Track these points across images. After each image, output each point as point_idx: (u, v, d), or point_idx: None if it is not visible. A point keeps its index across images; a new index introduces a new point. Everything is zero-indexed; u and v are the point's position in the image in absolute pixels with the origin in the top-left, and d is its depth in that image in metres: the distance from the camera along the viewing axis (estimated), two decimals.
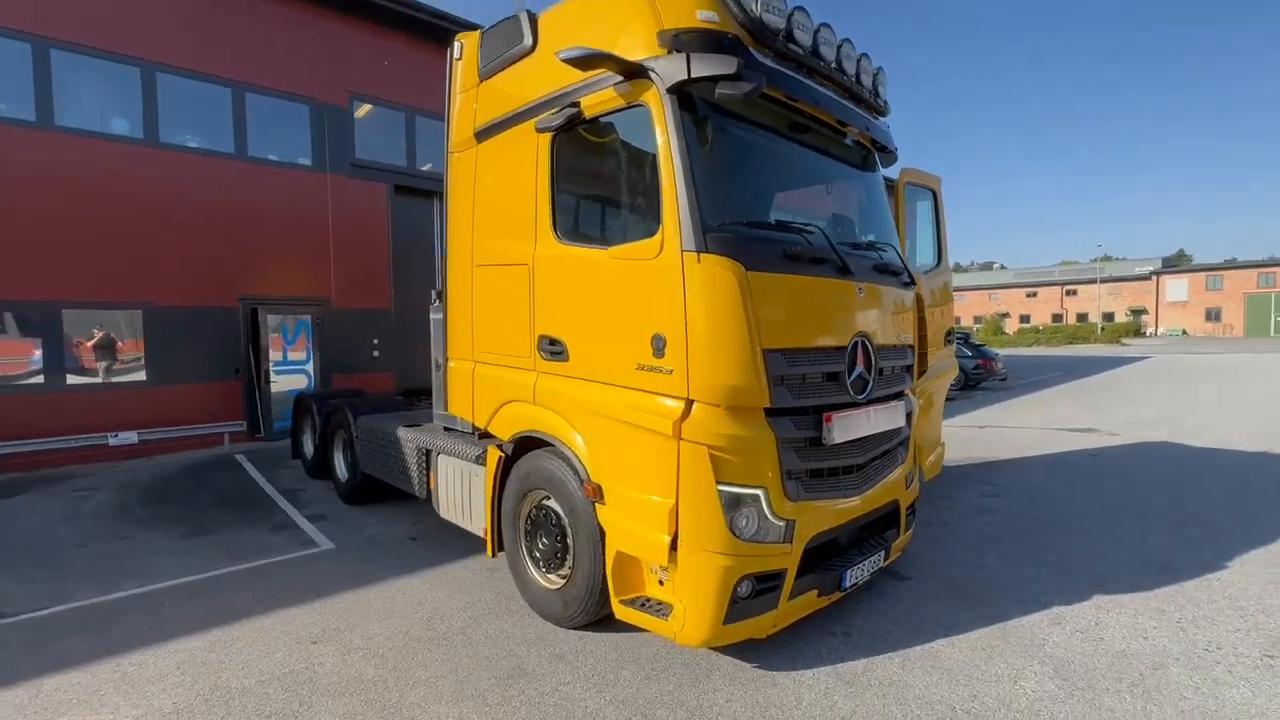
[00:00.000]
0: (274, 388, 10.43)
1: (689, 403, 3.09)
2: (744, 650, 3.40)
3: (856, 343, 3.62)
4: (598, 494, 3.44)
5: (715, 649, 3.43)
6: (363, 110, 11.63)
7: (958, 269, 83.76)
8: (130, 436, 8.76)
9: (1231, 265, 56.22)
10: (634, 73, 3.21)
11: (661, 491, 3.15)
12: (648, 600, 3.36)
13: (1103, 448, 9.04)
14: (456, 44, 4.60)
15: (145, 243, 9.38)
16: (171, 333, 9.62)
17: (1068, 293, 65.13)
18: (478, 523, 4.62)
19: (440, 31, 12.16)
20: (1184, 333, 55.00)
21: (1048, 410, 13.26)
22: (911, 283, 4.35)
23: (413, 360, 12.64)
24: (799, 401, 3.26)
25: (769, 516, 3.12)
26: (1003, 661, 3.30)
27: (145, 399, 9.38)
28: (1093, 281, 61.42)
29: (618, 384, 3.37)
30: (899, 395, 4.13)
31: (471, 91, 4.48)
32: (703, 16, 3.19)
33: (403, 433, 5.60)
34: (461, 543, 5.42)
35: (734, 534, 3.05)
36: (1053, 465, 7.97)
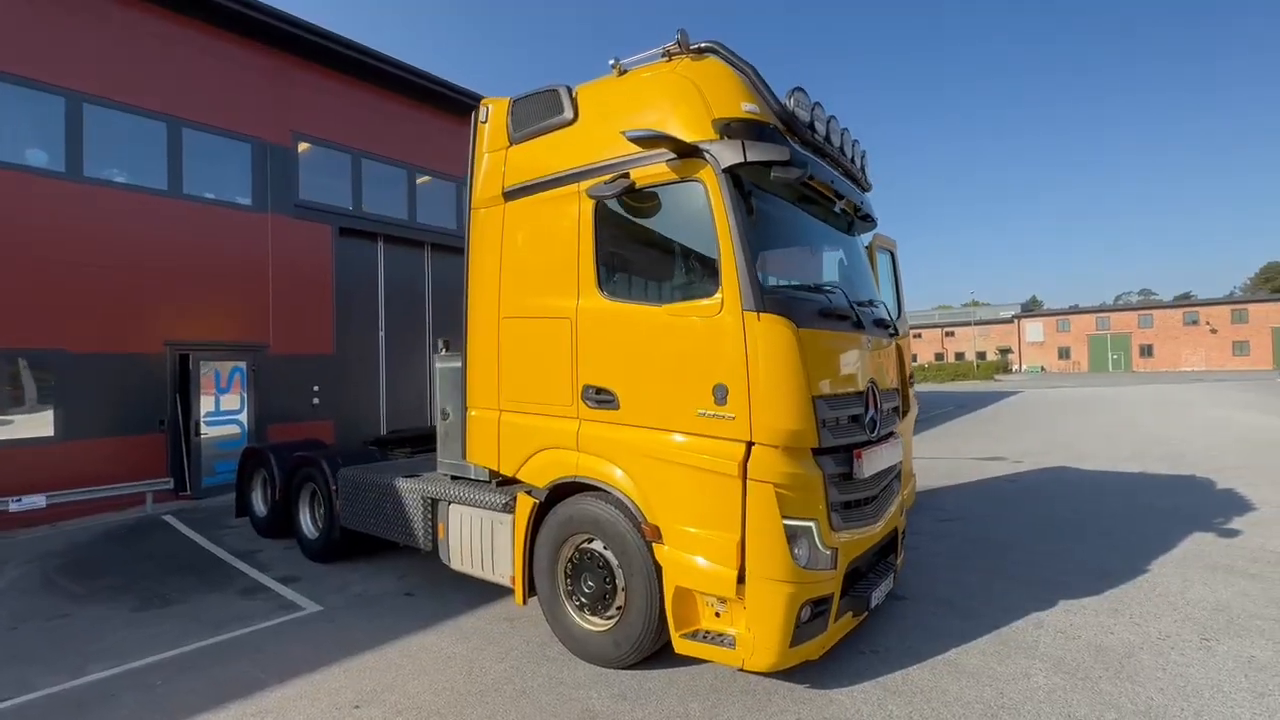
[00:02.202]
0: (204, 439, 9.64)
1: (749, 445, 3.43)
2: (792, 675, 3.68)
3: (870, 388, 4.14)
4: (656, 534, 3.66)
5: (764, 675, 3.68)
6: (302, 147, 11.31)
7: None
8: (37, 500, 7.75)
9: (1075, 310, 65.03)
10: (689, 153, 3.63)
11: (726, 528, 3.43)
12: (707, 633, 3.58)
13: (1016, 474, 10.26)
14: (483, 108, 4.83)
15: (62, 283, 8.53)
16: (88, 382, 8.71)
17: (946, 334, 72.39)
18: (501, 571, 4.63)
19: (386, 76, 12.21)
20: (1042, 369, 62.53)
21: (956, 441, 14.74)
22: (896, 333, 5.00)
23: (356, 408, 12.15)
24: (836, 441, 3.69)
25: (819, 546, 3.48)
26: (1011, 663, 3.81)
27: (54, 456, 8.36)
28: (967, 324, 68.74)
29: (676, 430, 3.65)
30: (893, 433, 4.69)
31: (500, 153, 4.71)
32: (747, 108, 3.68)
33: (402, 483, 5.48)
34: (461, 594, 5.35)
35: (795, 563, 3.38)
36: (983, 491, 8.98)
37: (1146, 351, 58.35)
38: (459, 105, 13.51)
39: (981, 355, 66.67)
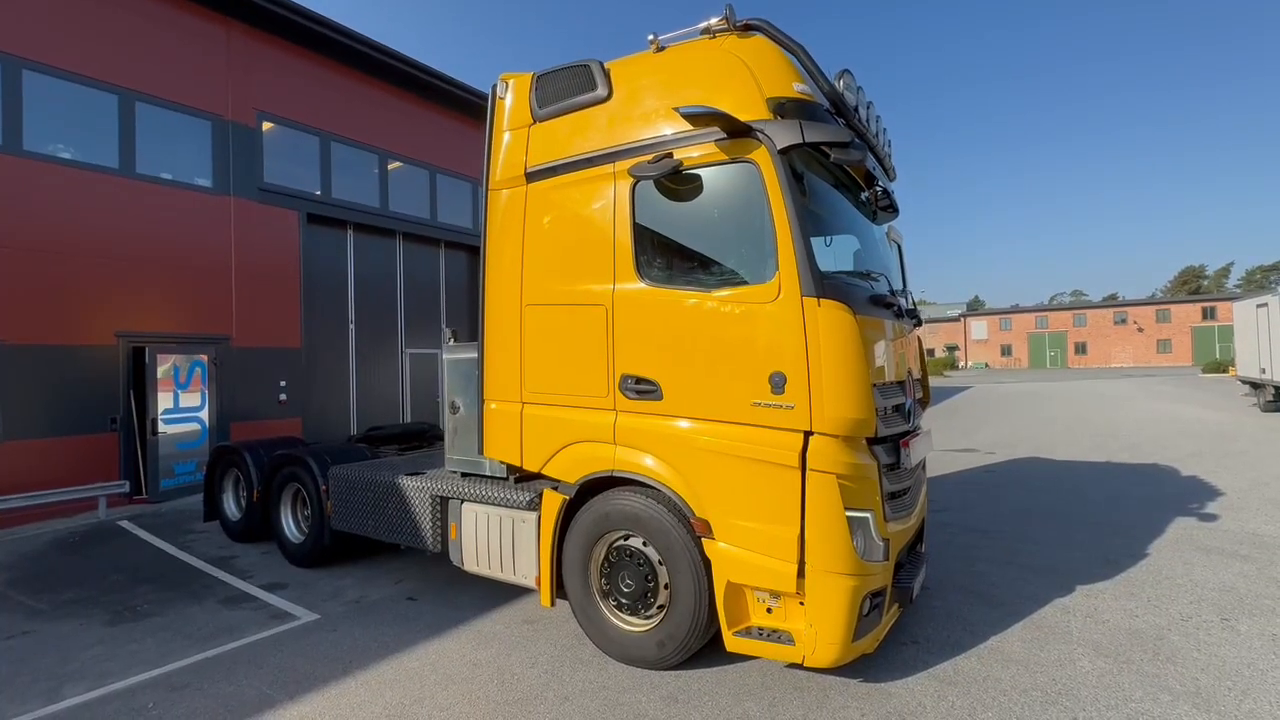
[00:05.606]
0: (162, 438, 8.94)
1: (807, 435, 3.33)
2: (842, 670, 3.58)
3: (908, 377, 4.11)
4: (707, 529, 3.52)
5: (818, 671, 3.58)
6: (266, 127, 10.63)
7: None
8: None
9: (1016, 310, 68.38)
10: (741, 133, 3.49)
11: (784, 521, 3.32)
12: (761, 629, 3.47)
13: (991, 465, 10.59)
14: (502, 83, 4.56)
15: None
16: (29, 376, 7.93)
17: None
18: (524, 572, 4.41)
19: (356, 55, 11.61)
20: (986, 365, 65.46)
21: None
22: (920, 323, 5.00)
23: (326, 405, 11.54)
24: (888, 430, 3.63)
25: (875, 537, 3.41)
26: (1052, 649, 3.84)
27: None
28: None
29: (728, 420, 3.51)
30: (919, 423, 4.69)
31: (522, 131, 4.45)
32: (798, 89, 3.57)
33: (406, 482, 5.16)
34: (468, 597, 5.10)
35: (856, 555, 3.30)
36: (964, 482, 9.20)
37: (1081, 349, 61.84)
38: (433, 90, 13.00)
39: (930, 352, 69.30)
